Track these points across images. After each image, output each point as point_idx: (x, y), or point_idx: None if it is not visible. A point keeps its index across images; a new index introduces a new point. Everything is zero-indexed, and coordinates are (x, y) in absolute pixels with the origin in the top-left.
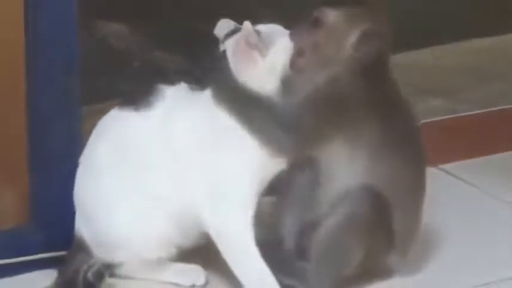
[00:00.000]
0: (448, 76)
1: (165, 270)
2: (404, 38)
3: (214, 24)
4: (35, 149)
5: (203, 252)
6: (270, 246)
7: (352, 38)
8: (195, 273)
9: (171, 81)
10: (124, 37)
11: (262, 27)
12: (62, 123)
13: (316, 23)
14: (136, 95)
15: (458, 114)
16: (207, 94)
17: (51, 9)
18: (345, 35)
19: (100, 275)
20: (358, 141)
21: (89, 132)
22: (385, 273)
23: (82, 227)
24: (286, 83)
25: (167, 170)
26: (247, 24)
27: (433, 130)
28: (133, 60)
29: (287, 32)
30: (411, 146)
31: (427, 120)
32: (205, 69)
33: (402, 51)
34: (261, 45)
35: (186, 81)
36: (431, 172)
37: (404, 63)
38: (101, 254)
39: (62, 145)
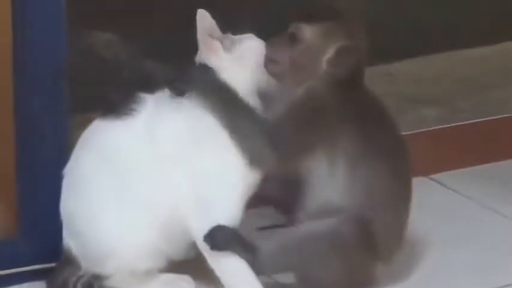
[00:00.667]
0: (440, 85)
1: (154, 281)
2: (396, 48)
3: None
4: (23, 161)
5: (192, 263)
6: None
7: (328, 53)
8: (184, 283)
9: (160, 90)
10: (112, 46)
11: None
12: (50, 134)
13: (293, 38)
14: (118, 103)
15: (449, 124)
16: (190, 99)
17: (40, 18)
18: (321, 51)
19: (89, 287)
20: (336, 154)
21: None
22: (371, 282)
23: (70, 240)
24: (264, 95)
25: (152, 178)
26: (201, 11)
27: (425, 140)
28: (122, 70)
29: (260, 40)
30: (393, 157)
31: (418, 130)
32: (190, 74)
33: (394, 61)
34: (225, 40)
35: (173, 90)
36: (421, 182)
37: (396, 73)
38: (89, 266)
39: (50, 156)
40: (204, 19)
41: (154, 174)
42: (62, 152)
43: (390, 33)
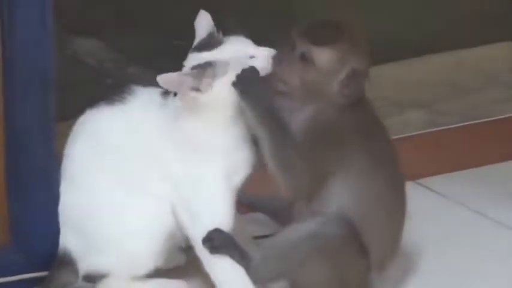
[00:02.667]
0: (422, 89)
1: (148, 285)
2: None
3: (191, 39)
4: (13, 169)
5: (186, 267)
6: None
7: (341, 75)
8: (180, 287)
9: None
10: (96, 53)
11: (222, 52)
12: (40, 143)
13: (303, 59)
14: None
15: (435, 128)
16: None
17: (27, 27)
18: (333, 74)
19: None
20: (341, 169)
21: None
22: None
23: (68, 239)
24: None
25: (146, 165)
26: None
27: (411, 144)
28: (106, 77)
29: (250, 50)
30: (388, 166)
31: (404, 135)
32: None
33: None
34: (197, 82)
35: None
36: (408, 186)
37: (378, 77)
38: (86, 264)
39: (40, 165)
40: (203, 20)
41: (146, 160)
42: (52, 160)
43: (371, 38)
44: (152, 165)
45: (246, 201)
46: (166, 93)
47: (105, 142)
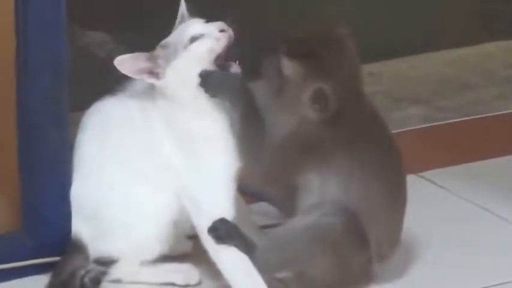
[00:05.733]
0: (423, 85)
1: (158, 270)
2: (380, 48)
3: None
4: (25, 156)
5: (195, 252)
6: None
7: (308, 93)
8: (188, 272)
9: None
10: (106, 45)
11: (174, 35)
12: (52, 131)
13: (280, 68)
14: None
15: (436, 123)
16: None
17: (41, 18)
18: (301, 88)
19: (97, 281)
20: (329, 163)
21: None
22: (365, 280)
23: (79, 226)
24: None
25: (149, 155)
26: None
27: (413, 138)
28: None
29: (192, 30)
30: (387, 159)
31: (406, 129)
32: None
33: (376, 61)
34: (154, 68)
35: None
36: (411, 179)
37: (379, 73)
38: (98, 250)
39: (52, 151)
40: (181, 6)
41: (153, 147)
42: (64, 148)
43: (373, 34)
44: (154, 156)
45: (250, 191)
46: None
47: (110, 133)
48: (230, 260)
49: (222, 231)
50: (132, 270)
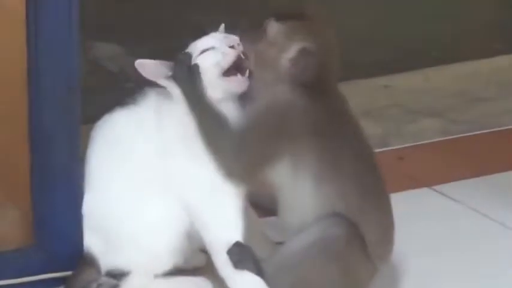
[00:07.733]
0: (438, 98)
1: (171, 283)
2: (394, 61)
3: None
4: (37, 170)
5: (209, 265)
6: None
7: (290, 53)
8: (201, 285)
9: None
10: (117, 58)
11: (192, 46)
12: (64, 143)
13: (263, 34)
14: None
15: (451, 136)
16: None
17: (53, 30)
18: (283, 49)
19: None
20: (303, 160)
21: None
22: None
23: (91, 239)
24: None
25: (159, 168)
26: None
27: (427, 151)
28: (126, 81)
29: (205, 43)
30: (363, 159)
31: (420, 142)
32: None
33: (391, 74)
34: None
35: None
36: (424, 192)
37: (394, 85)
38: (109, 263)
39: (64, 165)
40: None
41: (161, 166)
42: (75, 161)
43: (389, 47)
44: (165, 168)
45: (263, 205)
46: None
47: (120, 145)
48: (246, 284)
49: (237, 256)
50: (144, 283)
